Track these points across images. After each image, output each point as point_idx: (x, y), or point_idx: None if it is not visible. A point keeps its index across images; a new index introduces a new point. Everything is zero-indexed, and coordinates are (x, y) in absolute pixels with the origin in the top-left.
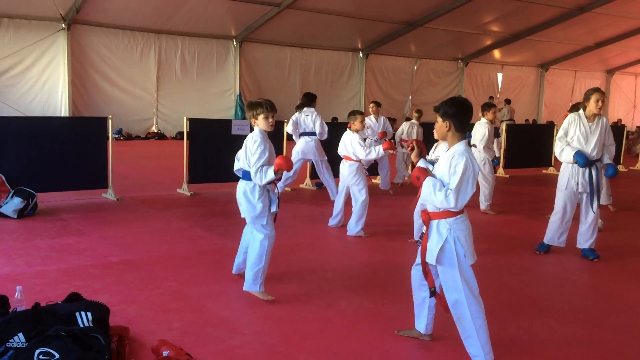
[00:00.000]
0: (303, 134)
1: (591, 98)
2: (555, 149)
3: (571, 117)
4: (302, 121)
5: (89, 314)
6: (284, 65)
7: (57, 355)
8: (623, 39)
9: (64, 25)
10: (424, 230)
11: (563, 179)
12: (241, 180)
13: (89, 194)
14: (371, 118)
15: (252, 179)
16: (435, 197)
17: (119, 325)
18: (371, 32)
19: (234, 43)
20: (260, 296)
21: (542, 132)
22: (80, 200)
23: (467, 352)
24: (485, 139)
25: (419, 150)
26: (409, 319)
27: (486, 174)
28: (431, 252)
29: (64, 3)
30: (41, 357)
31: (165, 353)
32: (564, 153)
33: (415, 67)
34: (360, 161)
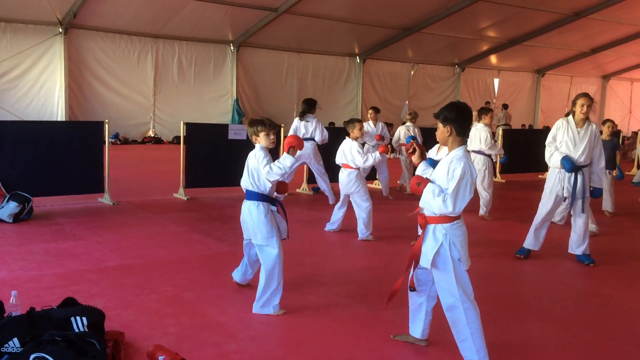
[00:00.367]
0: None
1: (577, 103)
2: (545, 153)
3: (559, 123)
4: (302, 127)
5: (84, 318)
6: (281, 70)
7: None
8: (618, 44)
9: (61, 30)
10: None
11: (549, 183)
12: (245, 201)
13: (85, 199)
14: (370, 124)
15: (270, 177)
16: (434, 202)
17: (114, 330)
18: (368, 37)
19: (231, 48)
20: (275, 313)
21: (538, 138)
22: (76, 204)
23: (462, 356)
24: (489, 141)
25: (420, 152)
26: (405, 324)
27: (486, 181)
28: (426, 256)
29: (61, 7)
30: None
31: (161, 358)
32: (552, 158)
33: (412, 72)
34: (359, 169)
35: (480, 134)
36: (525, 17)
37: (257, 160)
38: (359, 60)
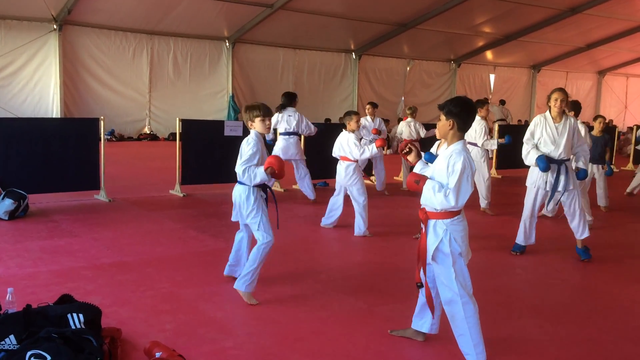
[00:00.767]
0: (283, 133)
1: (551, 97)
2: (522, 150)
3: (537, 119)
4: (284, 122)
5: (80, 315)
6: (276, 66)
7: (49, 357)
8: (614, 40)
9: (55, 26)
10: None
11: (532, 177)
12: (238, 184)
13: (80, 196)
14: (367, 118)
15: (240, 178)
16: (435, 198)
17: (111, 327)
18: (364, 33)
19: (227, 44)
20: (245, 297)
21: None
22: (72, 201)
23: (460, 351)
24: (483, 134)
25: (416, 152)
26: (402, 319)
27: (483, 171)
28: (428, 251)
29: (56, 4)
30: (33, 359)
31: (157, 354)
32: (529, 156)
33: (408, 68)
34: (357, 161)
35: (476, 126)
36: (521, 13)
37: (244, 151)
38: (354, 57)
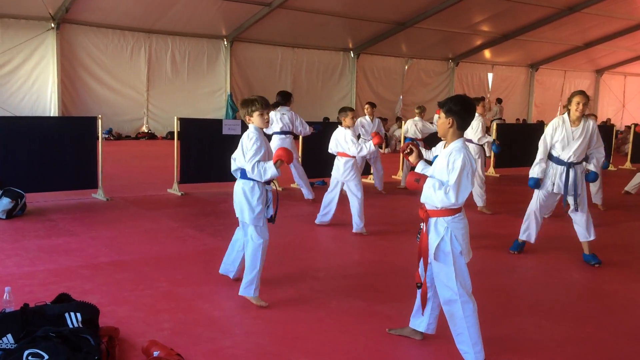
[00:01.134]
0: (278, 133)
1: (572, 101)
2: (537, 153)
3: (555, 122)
4: (278, 119)
5: (78, 314)
6: (275, 65)
7: (47, 356)
8: (612, 39)
9: (53, 25)
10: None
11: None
12: (239, 180)
13: (78, 194)
14: (366, 118)
15: (249, 175)
16: (435, 195)
17: (109, 326)
18: (362, 32)
19: (225, 43)
20: (254, 301)
21: (532, 132)
22: (70, 200)
23: (458, 350)
24: (479, 131)
25: (417, 152)
26: (401, 318)
27: (478, 169)
28: (429, 249)
29: (53, 2)
30: (30, 358)
31: (155, 353)
32: (534, 169)
33: (406, 67)
34: (355, 157)
35: (473, 123)
36: (519, 12)
37: (247, 147)
38: (353, 55)
